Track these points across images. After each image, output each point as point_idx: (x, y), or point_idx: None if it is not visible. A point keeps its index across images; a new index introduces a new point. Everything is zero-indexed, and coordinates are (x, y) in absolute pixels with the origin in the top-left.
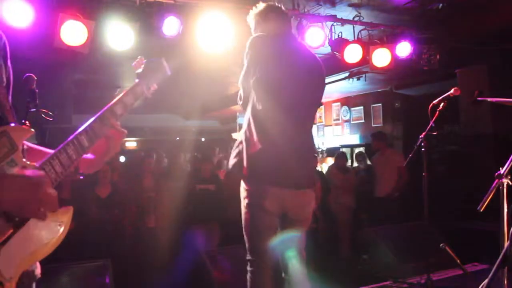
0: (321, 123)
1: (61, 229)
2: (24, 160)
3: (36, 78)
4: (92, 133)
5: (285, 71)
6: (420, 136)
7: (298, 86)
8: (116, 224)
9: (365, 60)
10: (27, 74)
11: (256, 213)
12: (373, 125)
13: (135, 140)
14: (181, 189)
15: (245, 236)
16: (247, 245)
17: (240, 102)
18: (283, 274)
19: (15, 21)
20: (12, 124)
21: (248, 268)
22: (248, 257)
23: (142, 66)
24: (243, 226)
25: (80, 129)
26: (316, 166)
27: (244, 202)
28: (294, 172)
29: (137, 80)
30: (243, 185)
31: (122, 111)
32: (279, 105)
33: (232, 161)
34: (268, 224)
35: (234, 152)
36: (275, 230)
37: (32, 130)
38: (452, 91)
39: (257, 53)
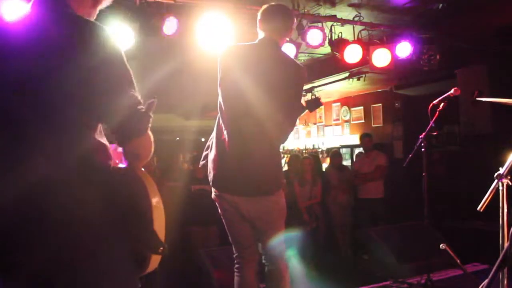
0: (321, 123)
1: None
2: None
3: None
4: None
5: (243, 82)
6: (420, 136)
7: (256, 96)
8: None
9: (365, 60)
10: None
11: (224, 213)
12: (373, 125)
13: None
14: (179, 190)
15: None
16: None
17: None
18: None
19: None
20: None
21: (235, 265)
22: (234, 254)
23: None
24: None
25: None
26: (279, 173)
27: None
28: (245, 181)
29: None
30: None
31: None
32: (234, 113)
33: (201, 163)
34: (237, 223)
35: (203, 154)
36: (246, 227)
37: None
38: (452, 91)
39: (221, 63)
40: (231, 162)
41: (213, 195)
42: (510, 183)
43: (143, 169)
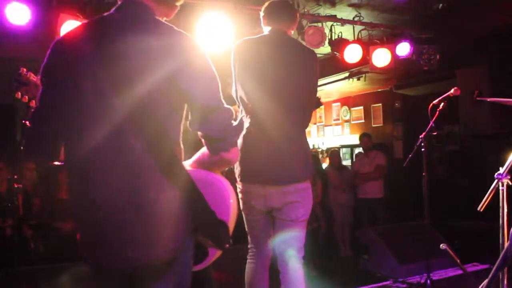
0: (321, 123)
1: None
2: None
3: None
4: None
5: (262, 75)
6: (420, 136)
7: (277, 88)
8: None
9: (365, 60)
10: None
11: (245, 209)
12: (373, 125)
13: None
14: None
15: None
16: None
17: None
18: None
19: (15, 21)
20: None
21: (248, 256)
22: (248, 246)
23: None
24: None
25: None
26: (309, 160)
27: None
28: (275, 169)
29: None
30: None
31: None
32: (257, 106)
33: None
34: (258, 218)
35: None
36: (267, 223)
37: None
38: (452, 91)
39: (236, 57)
40: (258, 154)
41: (236, 186)
42: (510, 183)
43: None
